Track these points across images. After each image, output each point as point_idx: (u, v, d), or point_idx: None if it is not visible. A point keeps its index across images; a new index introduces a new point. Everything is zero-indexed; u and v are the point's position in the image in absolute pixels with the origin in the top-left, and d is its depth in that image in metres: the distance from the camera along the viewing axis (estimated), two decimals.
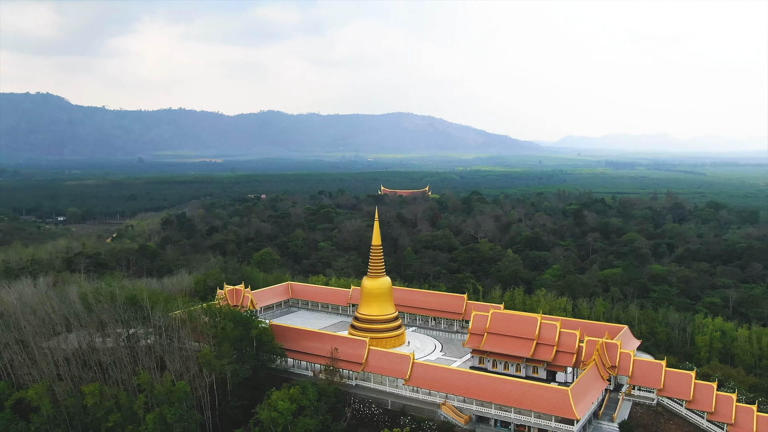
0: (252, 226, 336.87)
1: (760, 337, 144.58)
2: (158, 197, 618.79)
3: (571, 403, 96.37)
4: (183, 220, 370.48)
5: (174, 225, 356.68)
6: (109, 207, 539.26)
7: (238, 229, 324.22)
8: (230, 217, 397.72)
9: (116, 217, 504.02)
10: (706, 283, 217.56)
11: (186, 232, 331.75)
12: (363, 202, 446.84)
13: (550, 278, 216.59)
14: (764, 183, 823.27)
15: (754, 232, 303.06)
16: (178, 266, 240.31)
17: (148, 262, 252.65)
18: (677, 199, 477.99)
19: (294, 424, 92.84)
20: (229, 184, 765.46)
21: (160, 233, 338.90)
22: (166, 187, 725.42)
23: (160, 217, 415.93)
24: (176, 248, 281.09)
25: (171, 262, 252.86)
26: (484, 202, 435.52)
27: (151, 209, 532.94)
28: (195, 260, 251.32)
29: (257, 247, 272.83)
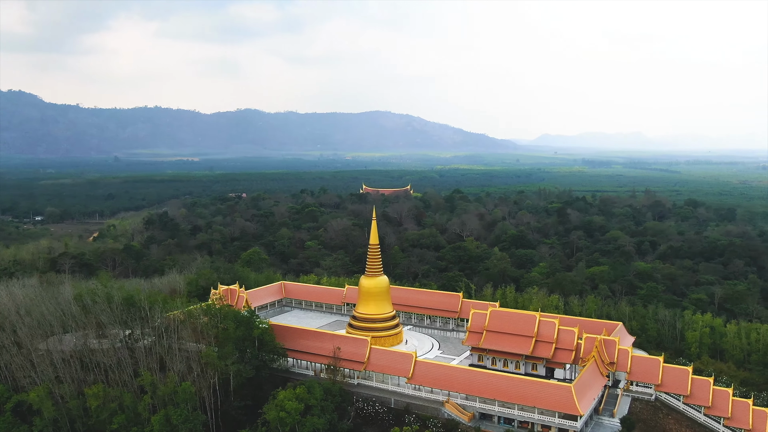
0: (236, 225, 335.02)
1: (749, 332, 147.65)
2: (137, 196, 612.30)
3: (574, 399, 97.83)
4: (165, 220, 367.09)
5: (157, 224, 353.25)
6: (87, 206, 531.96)
7: (223, 229, 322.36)
8: (213, 216, 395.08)
9: (95, 216, 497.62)
10: (690, 280, 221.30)
11: (170, 231, 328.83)
12: (346, 200, 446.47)
13: (538, 276, 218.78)
14: (738, 181, 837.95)
15: (733, 230, 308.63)
16: (165, 266, 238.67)
17: (133, 262, 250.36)
18: (655, 197, 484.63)
19: (302, 424, 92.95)
20: (208, 183, 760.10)
21: (143, 233, 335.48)
22: (145, 186, 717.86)
23: (141, 217, 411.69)
24: (161, 248, 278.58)
25: (157, 262, 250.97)
26: (467, 201, 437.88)
27: (130, 209, 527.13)
28: (181, 260, 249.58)
29: (244, 246, 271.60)
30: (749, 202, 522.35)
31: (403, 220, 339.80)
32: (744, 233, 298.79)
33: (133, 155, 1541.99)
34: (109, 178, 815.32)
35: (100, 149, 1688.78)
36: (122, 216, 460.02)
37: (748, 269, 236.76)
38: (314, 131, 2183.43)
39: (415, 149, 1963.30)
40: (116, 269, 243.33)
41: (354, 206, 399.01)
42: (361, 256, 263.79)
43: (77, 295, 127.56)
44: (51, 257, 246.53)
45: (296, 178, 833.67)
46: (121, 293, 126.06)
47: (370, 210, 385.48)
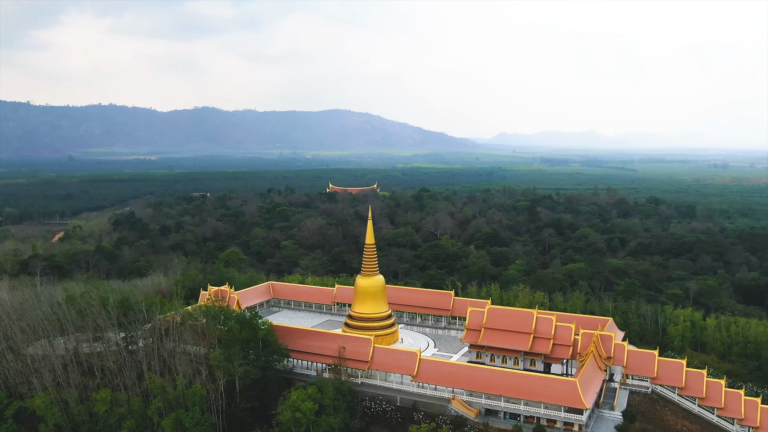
0: (208, 225, 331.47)
1: (729, 326, 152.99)
2: (97, 196, 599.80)
3: (579, 394, 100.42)
4: (133, 220, 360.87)
5: (125, 225, 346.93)
6: (46, 207, 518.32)
7: (195, 229, 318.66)
8: (180, 216, 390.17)
9: (55, 217, 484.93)
10: (663, 275, 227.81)
11: (139, 232, 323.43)
12: (315, 200, 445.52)
13: (516, 273, 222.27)
14: (691, 179, 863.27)
15: (697, 227, 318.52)
16: (141, 267, 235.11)
17: (107, 264, 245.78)
18: (618, 195, 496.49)
19: (317, 424, 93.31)
20: (169, 182, 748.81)
21: (111, 234, 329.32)
22: (104, 185, 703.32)
23: (106, 217, 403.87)
24: (134, 249, 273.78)
25: (132, 264, 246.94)
26: (436, 199, 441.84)
27: (91, 209, 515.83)
28: (157, 261, 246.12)
29: (220, 246, 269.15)
30: (705, 199, 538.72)
31: (377, 219, 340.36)
32: (708, 230, 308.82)
33: (88, 154, 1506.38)
34: (66, 177, 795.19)
35: (53, 148, 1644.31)
36: (85, 216, 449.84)
37: (716, 264, 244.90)
38: (273, 129, 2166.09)
39: (375, 148, 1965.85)
40: (90, 271, 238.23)
41: (325, 205, 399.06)
42: (338, 256, 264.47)
43: (69, 298, 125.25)
44: (20, 260, 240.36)
45: (259, 177, 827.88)
46: (115, 296, 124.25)
47: (342, 209, 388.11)
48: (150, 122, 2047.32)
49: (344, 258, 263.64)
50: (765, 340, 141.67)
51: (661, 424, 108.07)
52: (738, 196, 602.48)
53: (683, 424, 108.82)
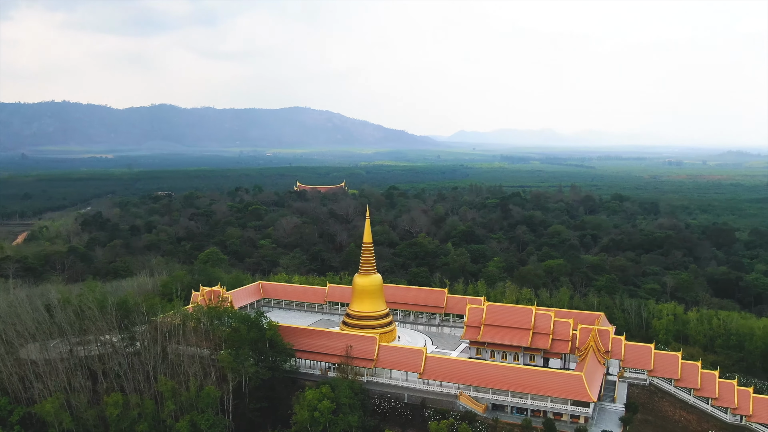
0: (180, 225, 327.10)
1: (710, 319, 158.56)
2: (56, 196, 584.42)
3: (586, 387, 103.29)
4: (101, 220, 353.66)
5: (94, 225, 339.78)
6: (4, 207, 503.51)
7: (168, 228, 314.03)
8: (149, 215, 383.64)
9: (14, 217, 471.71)
10: (638, 271, 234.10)
11: (109, 232, 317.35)
12: (286, 198, 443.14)
13: (496, 270, 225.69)
14: (648, 176, 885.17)
15: (665, 223, 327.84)
16: (119, 269, 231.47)
17: (83, 265, 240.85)
18: (581, 193, 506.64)
19: (334, 423, 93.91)
20: (130, 182, 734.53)
21: (80, 234, 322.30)
22: (62, 185, 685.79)
23: (71, 217, 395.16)
24: (107, 250, 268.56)
25: (108, 265, 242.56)
26: (406, 197, 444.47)
27: (52, 209, 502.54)
28: (134, 262, 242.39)
29: (198, 246, 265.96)
30: (664, 196, 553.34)
31: (351, 217, 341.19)
32: (674, 226, 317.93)
33: (42, 152, 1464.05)
34: (21, 176, 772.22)
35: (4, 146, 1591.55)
36: (49, 216, 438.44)
37: (686, 259, 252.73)
38: (232, 127, 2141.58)
39: (335, 146, 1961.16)
40: (65, 272, 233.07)
41: (297, 204, 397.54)
42: (317, 254, 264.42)
43: (64, 301, 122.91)
44: None
45: (221, 175, 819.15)
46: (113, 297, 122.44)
47: (314, 208, 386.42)
48: (105, 120, 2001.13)
49: (323, 257, 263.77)
50: (747, 332, 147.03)
51: (660, 414, 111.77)
52: (695, 193, 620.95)
53: (680, 414, 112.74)
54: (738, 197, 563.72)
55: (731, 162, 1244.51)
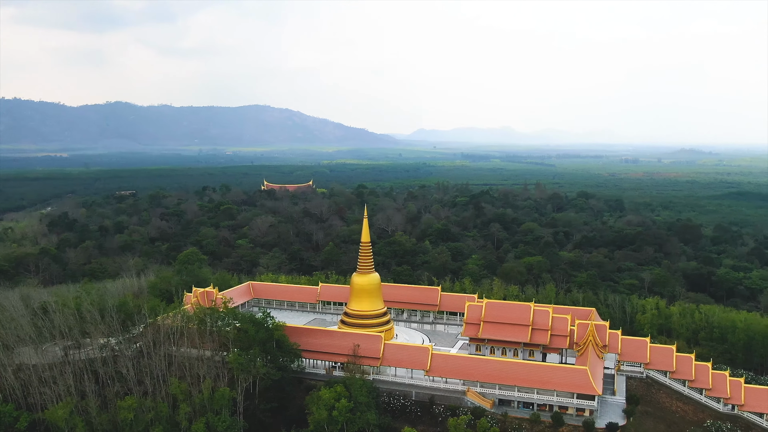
0: (152, 225, 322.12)
1: (692, 312, 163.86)
2: (14, 196, 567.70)
3: (591, 381, 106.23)
4: (67, 221, 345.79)
5: (60, 226, 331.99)
6: None
7: (141, 229, 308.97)
8: (116, 215, 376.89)
9: None
10: (613, 267, 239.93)
11: (78, 233, 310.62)
12: (255, 197, 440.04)
13: (476, 268, 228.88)
14: (607, 174, 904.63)
15: (633, 219, 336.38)
16: (95, 270, 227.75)
17: (58, 267, 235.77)
18: (546, 191, 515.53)
19: (352, 421, 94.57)
20: (89, 181, 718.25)
21: (47, 235, 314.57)
22: (18, 184, 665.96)
23: (34, 218, 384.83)
24: (80, 251, 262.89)
25: (82, 267, 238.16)
26: (376, 196, 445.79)
27: (10, 209, 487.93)
28: (110, 264, 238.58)
29: (175, 247, 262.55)
30: (626, 193, 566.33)
31: (326, 216, 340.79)
32: (642, 222, 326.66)
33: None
34: None
35: None
36: (10, 217, 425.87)
37: (658, 255, 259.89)
38: (191, 125, 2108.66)
39: (296, 144, 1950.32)
40: (39, 275, 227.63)
41: (270, 203, 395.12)
42: (296, 254, 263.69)
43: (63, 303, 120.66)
44: None
45: (183, 174, 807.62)
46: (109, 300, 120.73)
47: (287, 207, 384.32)
48: (59, 117, 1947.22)
49: (302, 256, 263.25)
50: (729, 325, 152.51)
51: (658, 406, 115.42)
52: (654, 190, 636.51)
53: (677, 405, 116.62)
54: (695, 194, 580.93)
55: (684, 160, 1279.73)
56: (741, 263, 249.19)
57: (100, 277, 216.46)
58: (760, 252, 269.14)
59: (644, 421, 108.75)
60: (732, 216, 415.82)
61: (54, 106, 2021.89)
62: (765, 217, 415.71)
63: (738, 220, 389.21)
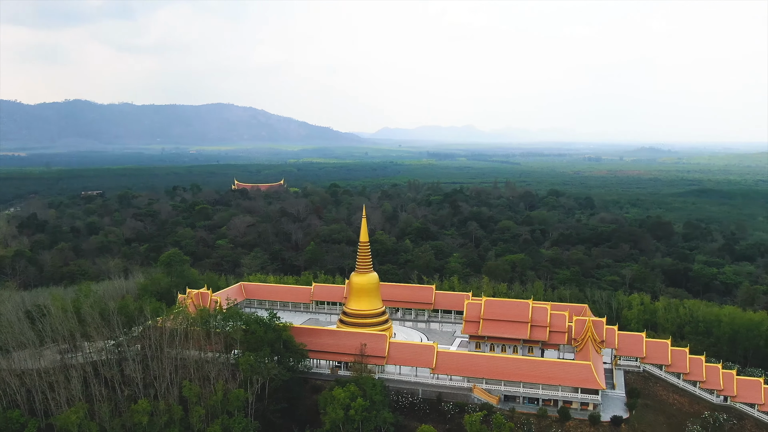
0: (127, 225, 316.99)
1: (677, 307, 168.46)
2: None
3: (595, 375, 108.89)
4: (36, 222, 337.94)
5: (30, 227, 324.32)
6: None
7: (116, 230, 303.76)
8: (86, 216, 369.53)
9: None
10: (592, 263, 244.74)
11: (50, 235, 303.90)
12: (229, 197, 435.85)
13: (458, 266, 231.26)
14: (572, 171, 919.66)
15: (606, 217, 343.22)
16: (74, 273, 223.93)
17: (35, 270, 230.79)
18: (516, 188, 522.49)
19: (368, 420, 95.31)
20: (51, 181, 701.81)
21: (17, 237, 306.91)
22: None
23: (2, 219, 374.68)
24: (56, 253, 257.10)
25: (60, 269, 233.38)
26: (350, 195, 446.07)
27: None
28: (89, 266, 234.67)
29: (155, 248, 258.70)
30: (592, 191, 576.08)
31: (304, 215, 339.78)
32: (616, 220, 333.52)
33: None
34: None
35: None
36: None
37: (634, 252, 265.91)
38: (153, 124, 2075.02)
39: (260, 142, 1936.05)
40: (17, 278, 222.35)
41: (246, 203, 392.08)
42: (277, 254, 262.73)
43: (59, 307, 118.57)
44: None
45: (148, 173, 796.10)
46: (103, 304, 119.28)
47: (263, 206, 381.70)
48: (15, 116, 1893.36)
49: (283, 256, 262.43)
50: (714, 320, 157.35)
51: (656, 398, 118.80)
52: (619, 188, 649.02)
53: (674, 397, 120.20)
54: (660, 192, 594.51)
55: (645, 158, 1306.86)
56: (713, 259, 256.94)
57: (81, 280, 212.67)
58: (730, 248, 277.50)
59: (645, 414, 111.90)
60: (697, 213, 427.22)
61: (10, 104, 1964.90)
62: (728, 214, 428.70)
63: (704, 217, 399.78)
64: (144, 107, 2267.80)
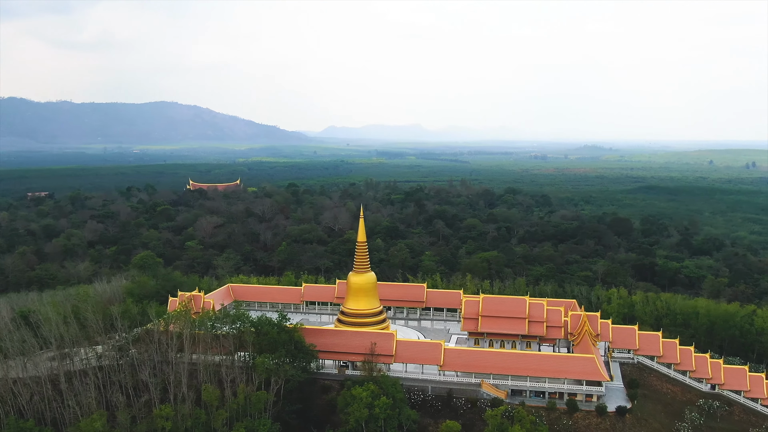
0: (88, 228, 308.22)
1: (654, 301, 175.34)
2: None
3: (599, 368, 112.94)
4: None
5: None
6: None
7: (78, 232, 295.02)
8: (40, 219, 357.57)
9: None
10: (562, 260, 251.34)
11: (7, 238, 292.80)
12: (187, 197, 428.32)
13: (432, 264, 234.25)
14: (520, 169, 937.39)
15: (567, 214, 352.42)
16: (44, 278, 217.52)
17: None
18: (472, 186, 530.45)
19: (391, 418, 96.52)
20: None
21: None
22: None
23: None
24: (17, 258, 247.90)
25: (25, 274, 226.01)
26: (311, 194, 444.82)
27: None
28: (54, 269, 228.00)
29: (125, 251, 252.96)
30: (543, 189, 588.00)
31: (270, 215, 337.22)
32: (577, 217, 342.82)
33: None
34: None
35: None
36: None
37: (599, 248, 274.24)
38: (93, 122, 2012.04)
39: (206, 141, 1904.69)
40: None
41: (209, 203, 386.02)
42: (249, 254, 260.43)
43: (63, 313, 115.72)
44: None
45: (94, 174, 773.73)
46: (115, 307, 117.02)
47: (225, 206, 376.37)
48: None
49: (255, 257, 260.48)
50: (691, 312, 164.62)
51: (652, 389, 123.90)
52: (569, 185, 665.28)
53: (667, 387, 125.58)
54: (608, 189, 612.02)
55: (589, 156, 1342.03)
56: (673, 254, 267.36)
57: (51, 284, 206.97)
58: (688, 243, 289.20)
59: (645, 404, 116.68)
60: (648, 209, 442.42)
61: None
62: (677, 210, 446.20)
63: (655, 213, 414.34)
64: (83, 105, 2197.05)
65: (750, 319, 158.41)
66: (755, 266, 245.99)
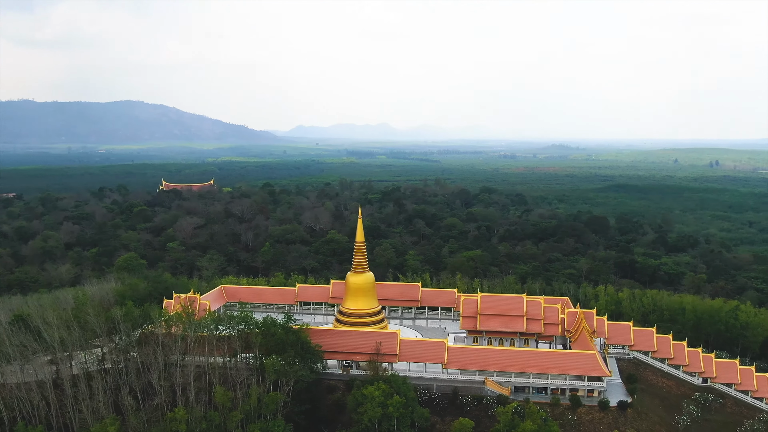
0: (64, 230, 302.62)
1: (640, 297, 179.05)
2: None
3: (600, 364, 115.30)
4: None
5: None
6: None
7: (54, 234, 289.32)
8: (11, 220, 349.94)
9: None
10: (544, 258, 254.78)
11: None
12: (162, 198, 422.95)
13: (416, 263, 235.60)
14: (491, 169, 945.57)
15: (545, 213, 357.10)
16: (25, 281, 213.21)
17: None
18: (447, 186, 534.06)
19: (404, 416, 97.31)
20: None
21: None
22: None
23: None
24: None
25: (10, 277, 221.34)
26: (288, 194, 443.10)
27: None
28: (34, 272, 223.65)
29: (106, 252, 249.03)
30: (515, 188, 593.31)
31: (246, 215, 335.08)
32: (555, 215, 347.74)
33: None
34: None
35: None
36: None
37: (578, 246, 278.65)
38: (56, 122, 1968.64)
39: (173, 141, 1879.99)
40: None
41: (185, 204, 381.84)
42: (233, 255, 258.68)
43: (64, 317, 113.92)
44: None
45: (61, 174, 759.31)
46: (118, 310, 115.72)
47: (202, 207, 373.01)
48: None
49: (239, 257, 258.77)
50: (677, 308, 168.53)
51: (648, 383, 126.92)
52: (540, 184, 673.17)
53: (662, 381, 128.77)
54: (579, 187, 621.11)
55: (557, 155, 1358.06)
56: (650, 251, 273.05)
57: (33, 288, 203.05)
58: (663, 240, 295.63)
59: (644, 398, 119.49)
60: (621, 208, 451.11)
61: None
62: (648, 208, 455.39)
63: (627, 211, 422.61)
64: (46, 104, 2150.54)
65: (734, 314, 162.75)
66: (731, 262, 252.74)
